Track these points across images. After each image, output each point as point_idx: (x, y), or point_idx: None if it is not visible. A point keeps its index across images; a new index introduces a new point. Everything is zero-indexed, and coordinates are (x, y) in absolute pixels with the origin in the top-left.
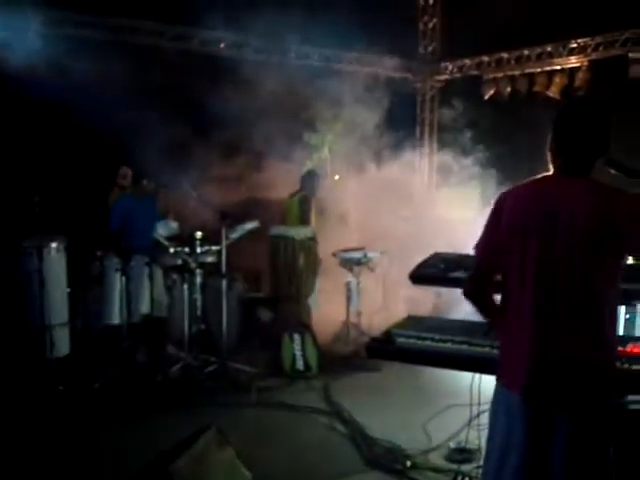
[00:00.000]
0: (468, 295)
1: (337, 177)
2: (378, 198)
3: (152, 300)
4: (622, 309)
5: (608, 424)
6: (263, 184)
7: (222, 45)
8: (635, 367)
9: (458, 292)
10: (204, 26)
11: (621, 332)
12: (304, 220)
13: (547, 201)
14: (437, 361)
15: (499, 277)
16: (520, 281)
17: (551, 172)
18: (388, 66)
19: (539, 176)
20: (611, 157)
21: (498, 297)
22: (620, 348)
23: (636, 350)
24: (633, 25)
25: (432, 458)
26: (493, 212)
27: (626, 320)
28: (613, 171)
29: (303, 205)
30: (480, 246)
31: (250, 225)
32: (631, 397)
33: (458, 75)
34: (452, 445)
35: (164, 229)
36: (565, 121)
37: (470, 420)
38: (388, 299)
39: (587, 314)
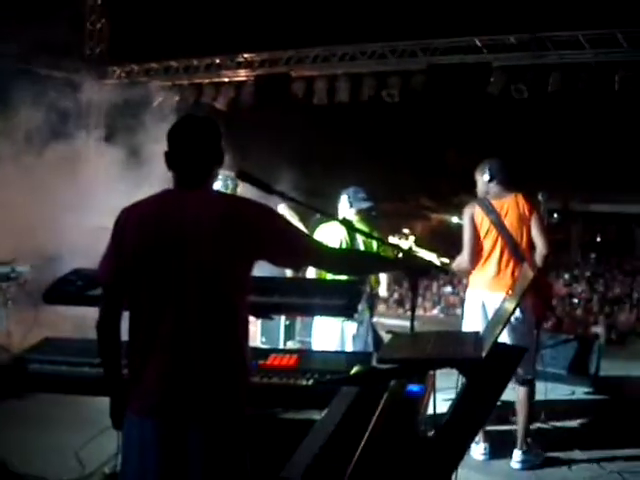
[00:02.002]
0: (101, 327)
1: None
2: (40, 203)
3: None
4: (282, 317)
5: (241, 437)
6: None
7: None
8: (275, 380)
9: None
10: None
11: (281, 338)
12: None
13: (171, 215)
14: (73, 387)
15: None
16: (150, 299)
17: (172, 186)
18: (53, 66)
19: (160, 190)
20: (243, 170)
21: None
22: (261, 361)
23: (276, 362)
24: (296, 45)
25: None
26: (115, 231)
27: (285, 326)
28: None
29: None
30: (105, 269)
31: None
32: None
33: (126, 80)
34: (107, 470)
35: None
36: (176, 135)
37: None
38: (43, 317)
39: (219, 328)
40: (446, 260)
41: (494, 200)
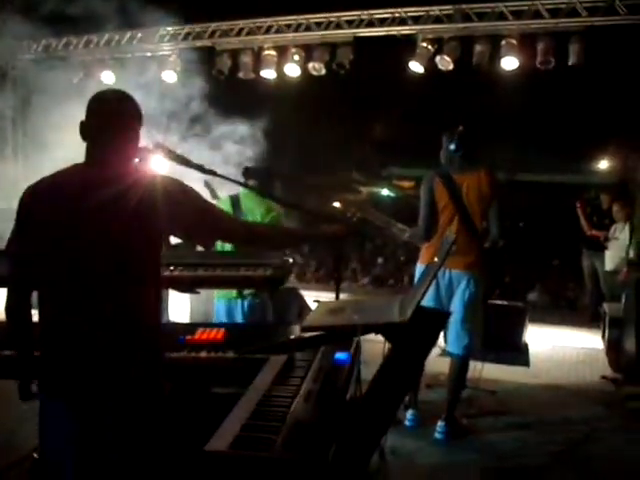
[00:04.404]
0: (11, 309)
1: None
2: None
3: None
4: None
5: (157, 415)
6: None
7: None
8: (202, 354)
9: None
10: None
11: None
12: None
13: (83, 192)
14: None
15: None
16: (60, 280)
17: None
18: None
19: (68, 166)
20: (160, 143)
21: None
22: (189, 336)
23: (204, 337)
24: (219, 17)
25: (14, 476)
26: (20, 210)
27: None
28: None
29: None
30: (13, 250)
31: None
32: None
33: (44, 55)
34: (36, 455)
35: None
36: (99, 105)
37: None
38: None
39: (133, 307)
40: (403, 226)
41: (456, 174)
